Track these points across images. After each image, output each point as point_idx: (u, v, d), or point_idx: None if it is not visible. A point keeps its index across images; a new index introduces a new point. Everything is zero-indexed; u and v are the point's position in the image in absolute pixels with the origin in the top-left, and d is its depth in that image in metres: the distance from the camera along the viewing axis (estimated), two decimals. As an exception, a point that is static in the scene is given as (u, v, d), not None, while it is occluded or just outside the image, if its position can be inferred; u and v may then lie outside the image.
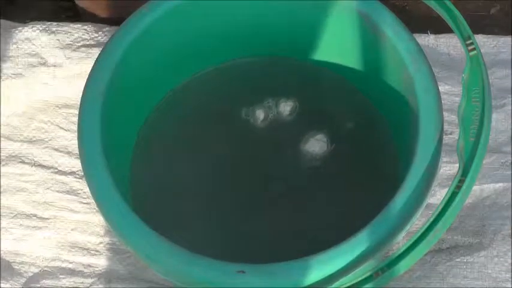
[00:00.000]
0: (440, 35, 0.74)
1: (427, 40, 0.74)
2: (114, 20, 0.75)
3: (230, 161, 0.62)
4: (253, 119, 0.63)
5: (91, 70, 0.54)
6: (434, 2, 0.53)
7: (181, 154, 0.63)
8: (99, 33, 0.75)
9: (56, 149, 0.70)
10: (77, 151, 0.52)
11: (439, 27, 0.71)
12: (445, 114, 0.52)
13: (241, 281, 0.45)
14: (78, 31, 0.75)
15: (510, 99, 0.70)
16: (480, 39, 0.73)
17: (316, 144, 0.61)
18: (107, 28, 0.76)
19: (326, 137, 0.62)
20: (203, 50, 0.63)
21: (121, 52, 0.55)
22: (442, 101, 0.52)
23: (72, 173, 0.69)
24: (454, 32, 0.51)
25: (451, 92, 0.71)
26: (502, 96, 0.70)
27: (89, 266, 0.65)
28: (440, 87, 0.52)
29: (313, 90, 0.65)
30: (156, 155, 0.63)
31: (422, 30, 0.74)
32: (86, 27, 0.75)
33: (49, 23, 0.76)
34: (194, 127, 0.64)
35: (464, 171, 0.46)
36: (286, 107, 0.64)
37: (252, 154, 0.63)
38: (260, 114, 0.63)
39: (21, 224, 0.67)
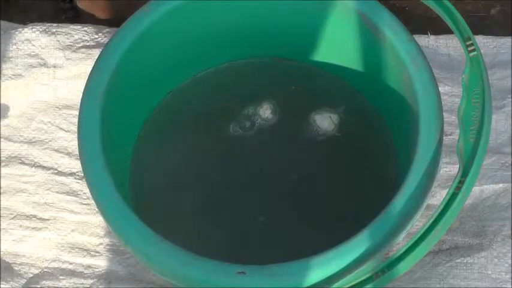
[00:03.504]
0: (440, 36, 0.74)
1: (427, 41, 0.74)
2: (114, 21, 0.75)
3: (230, 161, 0.62)
4: (250, 122, 0.64)
5: (91, 71, 0.54)
6: (434, 3, 0.52)
7: (180, 154, 0.63)
8: (99, 34, 0.75)
9: (56, 150, 0.70)
10: (77, 152, 0.52)
11: (439, 28, 0.71)
12: (445, 115, 0.52)
13: (241, 281, 0.45)
14: (78, 32, 0.75)
15: (510, 100, 0.70)
16: (480, 39, 0.73)
17: (326, 120, 0.61)
18: (107, 29, 0.76)
19: (338, 121, 0.62)
20: (203, 51, 0.63)
21: (121, 53, 0.55)
22: (442, 102, 0.52)
23: (72, 174, 0.69)
24: (454, 33, 0.51)
25: (451, 92, 0.71)
26: (502, 97, 0.70)
27: (89, 267, 0.65)
28: (440, 88, 0.52)
29: (313, 91, 0.65)
30: (156, 156, 0.63)
31: (422, 31, 0.74)
32: (86, 28, 0.75)
33: (49, 24, 0.76)
34: (194, 128, 0.64)
35: (464, 172, 0.46)
36: (285, 108, 0.64)
37: (252, 155, 0.63)
38: (256, 116, 0.64)
39: (21, 225, 0.67)
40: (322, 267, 0.45)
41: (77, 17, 0.80)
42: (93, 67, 0.55)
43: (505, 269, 0.62)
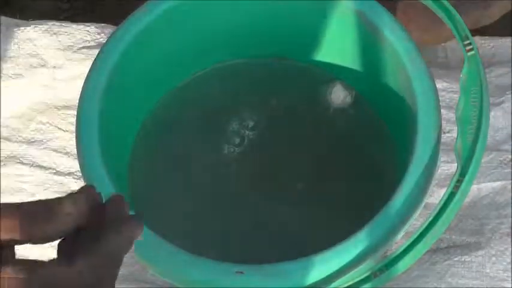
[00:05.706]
0: (438, 35, 0.74)
1: (424, 39, 0.74)
2: (115, 21, 0.75)
3: (229, 161, 0.62)
4: (250, 121, 0.64)
5: (89, 71, 0.54)
6: (432, 2, 0.53)
7: (180, 155, 0.63)
8: (101, 34, 0.75)
9: (55, 150, 0.70)
10: (75, 152, 0.52)
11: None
12: (443, 111, 0.52)
13: (240, 281, 0.45)
14: (80, 32, 0.75)
15: (508, 96, 0.70)
16: (477, 40, 0.73)
17: (342, 92, 0.61)
18: (110, 29, 0.75)
19: (352, 99, 0.62)
20: (202, 51, 0.63)
21: (119, 53, 0.55)
22: (440, 98, 0.52)
23: (70, 174, 0.69)
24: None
25: (449, 88, 0.70)
26: (501, 93, 0.70)
27: (88, 267, 0.65)
28: (438, 85, 0.52)
29: (311, 91, 0.65)
30: (155, 156, 0.63)
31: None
32: (88, 28, 0.75)
33: (52, 23, 0.75)
34: (193, 128, 0.64)
35: (463, 172, 0.47)
36: (284, 108, 0.64)
37: (252, 154, 0.63)
38: (256, 115, 0.64)
39: (19, 225, 0.67)
40: (320, 266, 0.46)
41: (76, 16, 0.80)
42: (91, 67, 0.55)
43: (503, 267, 0.62)
